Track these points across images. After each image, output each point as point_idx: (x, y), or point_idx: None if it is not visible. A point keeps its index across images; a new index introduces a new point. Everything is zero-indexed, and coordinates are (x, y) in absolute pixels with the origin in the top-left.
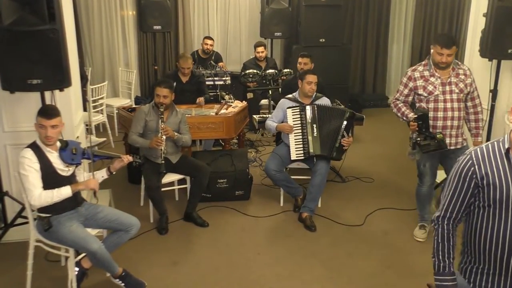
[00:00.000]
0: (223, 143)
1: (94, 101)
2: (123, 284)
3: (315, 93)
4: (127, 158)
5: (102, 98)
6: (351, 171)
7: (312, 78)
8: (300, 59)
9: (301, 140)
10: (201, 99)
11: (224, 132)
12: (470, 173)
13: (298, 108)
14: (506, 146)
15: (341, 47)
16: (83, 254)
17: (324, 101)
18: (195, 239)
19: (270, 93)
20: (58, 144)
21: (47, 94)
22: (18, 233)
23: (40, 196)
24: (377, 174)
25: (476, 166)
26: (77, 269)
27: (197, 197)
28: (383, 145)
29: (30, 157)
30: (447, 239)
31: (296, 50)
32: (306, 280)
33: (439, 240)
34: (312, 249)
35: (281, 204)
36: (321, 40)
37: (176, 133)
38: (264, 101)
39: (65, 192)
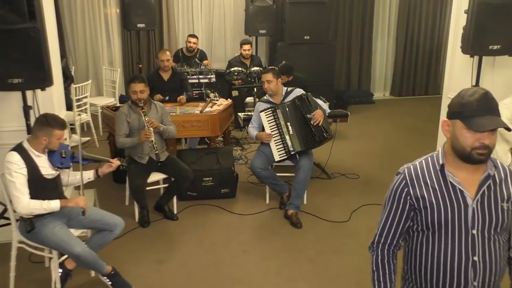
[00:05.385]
0: (208, 141)
1: (78, 100)
2: (110, 283)
3: (284, 88)
4: (116, 163)
5: (86, 97)
6: (337, 168)
7: (264, 76)
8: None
9: (280, 140)
10: (182, 97)
11: (209, 130)
12: (404, 195)
13: (270, 110)
14: (441, 162)
15: (325, 44)
16: (66, 255)
17: (297, 92)
18: (181, 237)
19: (255, 90)
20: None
21: (29, 93)
22: (0, 234)
23: (29, 204)
24: (363, 170)
25: (411, 187)
26: (60, 270)
27: (173, 195)
28: (368, 141)
29: (17, 162)
30: (382, 267)
31: (281, 48)
32: (293, 276)
33: (375, 268)
34: (298, 246)
35: (267, 201)
36: (305, 37)
37: (161, 125)
38: (249, 99)
39: (54, 205)
